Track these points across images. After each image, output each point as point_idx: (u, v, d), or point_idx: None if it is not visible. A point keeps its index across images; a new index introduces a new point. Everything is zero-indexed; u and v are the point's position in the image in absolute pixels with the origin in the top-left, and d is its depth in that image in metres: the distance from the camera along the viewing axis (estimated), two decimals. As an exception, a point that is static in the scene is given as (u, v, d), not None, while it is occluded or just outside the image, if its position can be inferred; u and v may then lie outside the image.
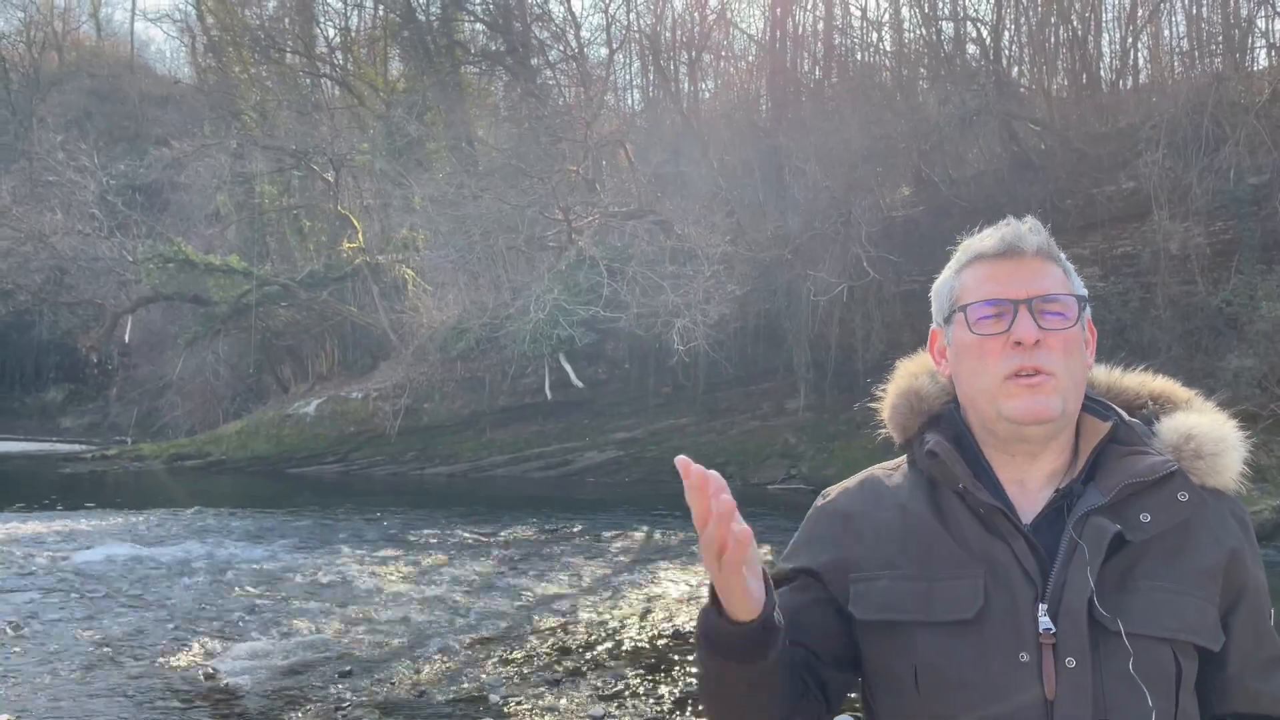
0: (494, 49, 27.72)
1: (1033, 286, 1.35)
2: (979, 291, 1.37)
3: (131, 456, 21.67)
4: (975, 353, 1.36)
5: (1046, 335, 1.33)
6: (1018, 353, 1.33)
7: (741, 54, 24.74)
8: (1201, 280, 14.99)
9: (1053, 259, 1.38)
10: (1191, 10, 18.81)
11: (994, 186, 17.19)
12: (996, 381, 1.34)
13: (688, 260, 17.68)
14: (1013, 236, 1.38)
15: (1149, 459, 1.33)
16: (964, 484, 1.34)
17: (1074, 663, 1.25)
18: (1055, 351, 1.33)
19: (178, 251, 22.01)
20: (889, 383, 1.52)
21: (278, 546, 11.47)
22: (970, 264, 1.40)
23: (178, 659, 6.97)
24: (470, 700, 6.13)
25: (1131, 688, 1.25)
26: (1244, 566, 1.34)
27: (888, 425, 1.50)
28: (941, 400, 1.46)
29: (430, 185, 21.03)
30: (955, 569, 1.31)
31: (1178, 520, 1.31)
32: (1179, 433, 1.37)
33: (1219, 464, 1.36)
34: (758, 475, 18.27)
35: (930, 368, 1.49)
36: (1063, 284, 1.37)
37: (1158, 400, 1.46)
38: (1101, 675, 1.25)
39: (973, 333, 1.36)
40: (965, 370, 1.39)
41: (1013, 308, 1.34)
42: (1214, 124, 15.27)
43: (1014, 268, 1.36)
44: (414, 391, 19.74)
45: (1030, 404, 1.32)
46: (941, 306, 1.44)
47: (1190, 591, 1.30)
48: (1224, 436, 1.37)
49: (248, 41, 28.69)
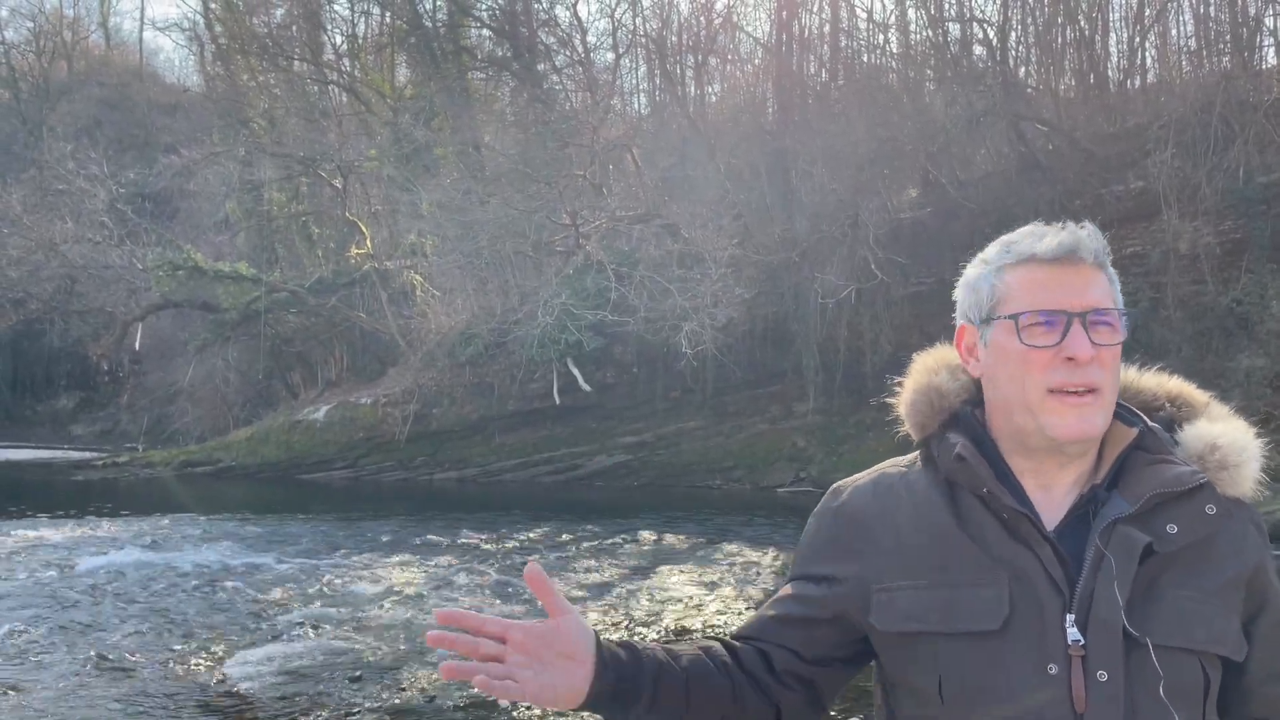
0: (500, 54, 27.77)
1: (1087, 298, 1.30)
2: (1031, 299, 1.31)
3: (142, 463, 21.75)
4: (1019, 362, 1.31)
5: (1099, 351, 1.29)
6: (1067, 367, 1.28)
7: (747, 57, 24.76)
8: (1211, 280, 14.93)
9: (1102, 268, 1.34)
10: (1199, 9, 18.75)
11: (1002, 188, 17.15)
12: (1039, 394, 1.29)
13: (695, 264, 17.67)
14: (1072, 241, 1.31)
15: (1177, 469, 1.30)
16: (989, 488, 1.30)
17: (1106, 676, 1.22)
18: (1105, 368, 1.29)
19: (187, 259, 22.10)
20: (906, 378, 1.47)
21: (288, 552, 11.49)
22: (1020, 264, 1.33)
23: (188, 665, 6.99)
24: (482, 705, 6.13)
25: (1162, 702, 1.23)
26: (1266, 577, 1.33)
27: (905, 422, 1.45)
28: (961, 398, 1.41)
29: (438, 191, 21.07)
30: (978, 576, 1.28)
31: (1205, 533, 1.29)
32: (1204, 442, 1.34)
33: (1240, 474, 1.33)
34: (766, 478, 18.25)
35: (948, 363, 1.44)
36: (1110, 296, 1.33)
37: (1174, 402, 1.43)
38: (1132, 689, 1.23)
39: (1022, 342, 1.30)
40: (1005, 377, 1.33)
41: (1066, 320, 1.29)
42: (1223, 123, 15.21)
43: (1070, 276, 1.31)
44: (423, 397, 19.77)
45: (1077, 423, 1.28)
46: (980, 303, 1.37)
47: (1217, 602, 1.28)
48: (1246, 446, 1.35)
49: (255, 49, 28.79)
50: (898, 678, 1.36)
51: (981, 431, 1.37)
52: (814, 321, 17.75)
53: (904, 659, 1.33)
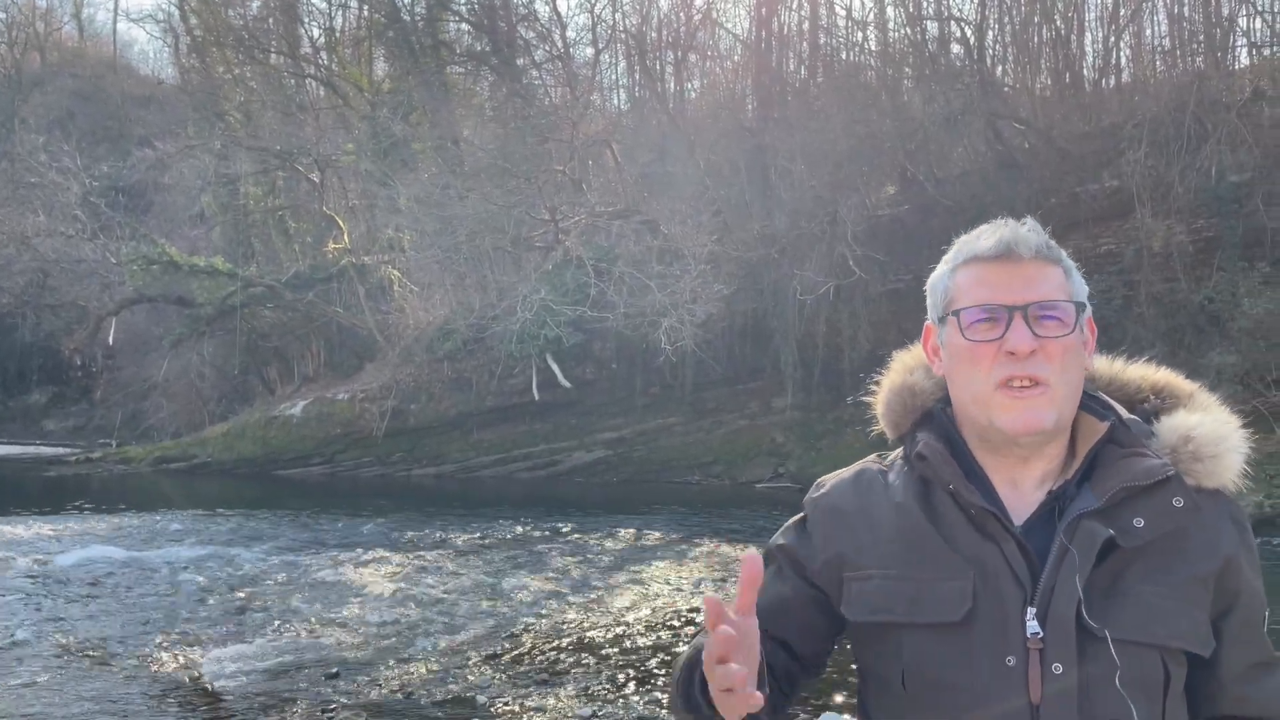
0: (479, 49, 27.66)
1: (1029, 292, 1.31)
2: (973, 295, 1.33)
3: (116, 459, 21.54)
4: (967, 358, 1.33)
5: (1043, 344, 1.29)
6: (1011, 361, 1.29)
7: (727, 54, 24.79)
8: (1184, 278, 15.10)
9: (1053, 260, 1.34)
10: (1173, 9, 18.96)
11: (978, 185, 17.27)
12: (988, 389, 1.31)
13: (674, 260, 17.68)
14: (1010, 238, 1.33)
15: (1146, 462, 1.30)
16: (954, 485, 1.32)
17: (1061, 669, 1.23)
18: (1052, 361, 1.29)
19: (162, 253, 21.89)
20: (883, 376, 1.48)
21: (264, 549, 11.42)
22: (965, 264, 1.36)
23: (163, 662, 6.94)
24: (458, 701, 6.12)
25: (1118, 695, 1.24)
26: (1239, 572, 1.32)
27: (881, 421, 1.47)
28: (935, 396, 1.43)
29: (416, 186, 20.96)
30: (944, 570, 1.29)
31: (1172, 526, 1.29)
32: (1178, 434, 1.34)
33: (1218, 465, 1.32)
34: (745, 474, 18.30)
35: (924, 362, 1.46)
36: (1062, 288, 1.33)
37: (1160, 394, 1.43)
38: (1088, 682, 1.24)
39: (965, 338, 1.32)
40: (957, 374, 1.36)
41: (1007, 314, 1.30)
42: (1196, 122, 15.38)
43: (1010, 272, 1.32)
44: (401, 392, 19.69)
45: (1023, 416, 1.29)
46: (936, 303, 1.40)
47: (1182, 598, 1.28)
48: (1224, 437, 1.34)
49: (231, 42, 28.54)
50: (867, 667, 1.38)
51: (952, 429, 1.39)
52: (792, 318, 17.82)
53: (872, 649, 1.35)
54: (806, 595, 1.41)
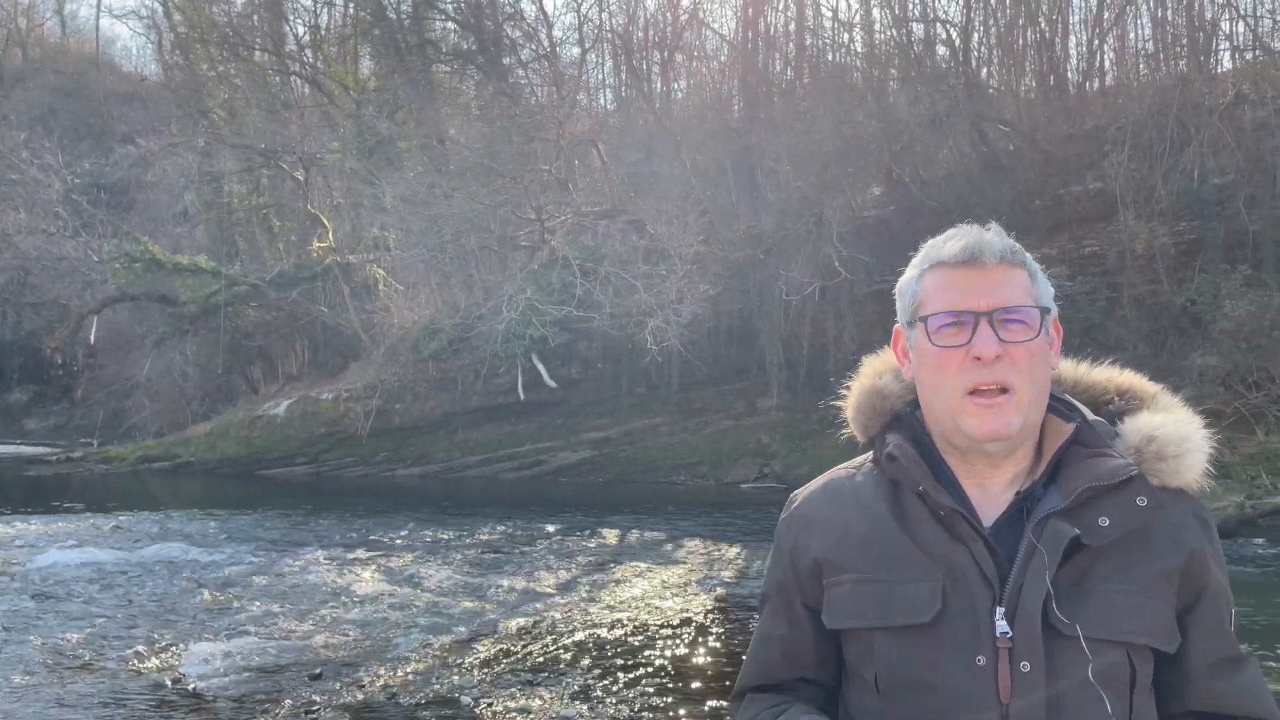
0: (465, 48, 27.59)
1: (994, 297, 1.32)
2: (939, 301, 1.35)
3: (98, 459, 21.38)
4: (935, 363, 1.34)
5: (1008, 349, 1.31)
6: (977, 367, 1.31)
7: (714, 54, 24.82)
8: (1166, 280, 15.20)
9: (1017, 264, 1.35)
10: (1156, 13, 19.08)
11: (963, 187, 17.34)
12: (956, 395, 1.32)
13: (661, 260, 17.69)
14: (975, 244, 1.35)
15: (1110, 462, 1.32)
16: (924, 486, 1.33)
17: (1029, 667, 1.25)
18: (1018, 366, 1.31)
19: (144, 251, 21.74)
20: (853, 380, 1.50)
21: (247, 549, 11.35)
22: (932, 269, 1.38)
23: (143, 663, 6.89)
24: (442, 702, 6.10)
25: (1086, 692, 1.25)
26: (1204, 567, 1.34)
27: (851, 425, 1.48)
28: (904, 399, 1.45)
29: (401, 184, 20.89)
30: (914, 572, 1.30)
31: (1136, 525, 1.31)
32: (1141, 434, 1.36)
33: (1181, 465, 1.34)
34: (731, 474, 18.32)
35: (893, 365, 1.47)
36: (1027, 291, 1.35)
37: (1124, 395, 1.45)
38: (1056, 680, 1.25)
39: (932, 344, 1.34)
40: (925, 379, 1.37)
41: (973, 320, 1.31)
42: (1178, 125, 15.49)
43: (975, 277, 1.33)
44: (385, 392, 19.62)
45: (991, 423, 1.31)
46: (905, 308, 1.42)
47: (1147, 594, 1.29)
48: (1187, 437, 1.36)
49: (215, 39, 28.37)
50: (849, 666, 1.39)
51: (921, 432, 1.40)
52: (778, 318, 17.85)
53: (852, 652, 1.37)
54: (807, 623, 1.41)
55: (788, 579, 1.43)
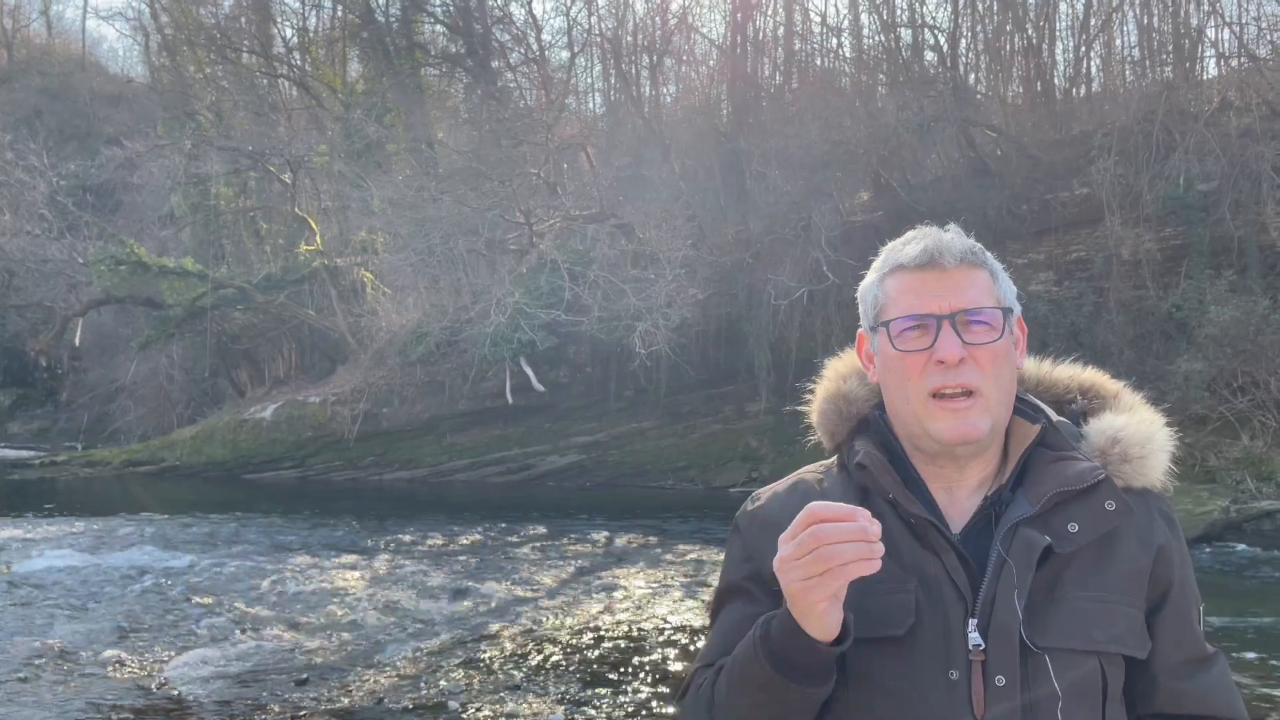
0: (454, 51, 27.54)
1: (955, 300, 1.31)
2: (900, 305, 1.33)
3: (82, 462, 21.23)
4: (899, 368, 1.33)
5: (972, 351, 1.29)
6: (941, 370, 1.29)
7: (703, 58, 24.83)
8: (1152, 285, 15.28)
9: (978, 265, 1.34)
10: (1143, 20, 19.18)
11: (951, 192, 17.40)
12: (921, 399, 1.31)
13: (649, 264, 17.69)
14: (934, 246, 1.33)
15: (1077, 466, 1.31)
16: (894, 495, 1.31)
17: (1003, 681, 1.24)
18: (983, 368, 1.30)
19: (130, 253, 21.61)
20: (817, 384, 1.48)
21: (233, 553, 11.29)
22: (893, 273, 1.36)
23: (129, 668, 6.83)
24: (430, 707, 6.07)
25: (1058, 704, 1.24)
26: (1170, 564, 1.33)
27: (816, 430, 1.47)
28: (870, 403, 1.42)
29: (390, 187, 20.84)
30: (887, 582, 1.27)
31: (1105, 529, 1.30)
32: (1105, 436, 1.35)
33: (1145, 466, 1.34)
34: (719, 478, 18.33)
35: (858, 369, 1.45)
36: (989, 292, 1.33)
37: (1087, 394, 1.44)
38: (1029, 691, 1.24)
39: (895, 348, 1.33)
40: (891, 384, 1.35)
41: (935, 323, 1.30)
42: (1164, 132, 15.58)
43: (936, 279, 1.32)
44: (373, 396, 19.55)
45: (957, 426, 1.29)
46: (867, 312, 1.40)
47: (1118, 599, 1.29)
48: (1151, 437, 1.35)
49: (203, 40, 28.25)
50: None
51: (890, 436, 1.38)
52: (766, 322, 17.87)
53: None
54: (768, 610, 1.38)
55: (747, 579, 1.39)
